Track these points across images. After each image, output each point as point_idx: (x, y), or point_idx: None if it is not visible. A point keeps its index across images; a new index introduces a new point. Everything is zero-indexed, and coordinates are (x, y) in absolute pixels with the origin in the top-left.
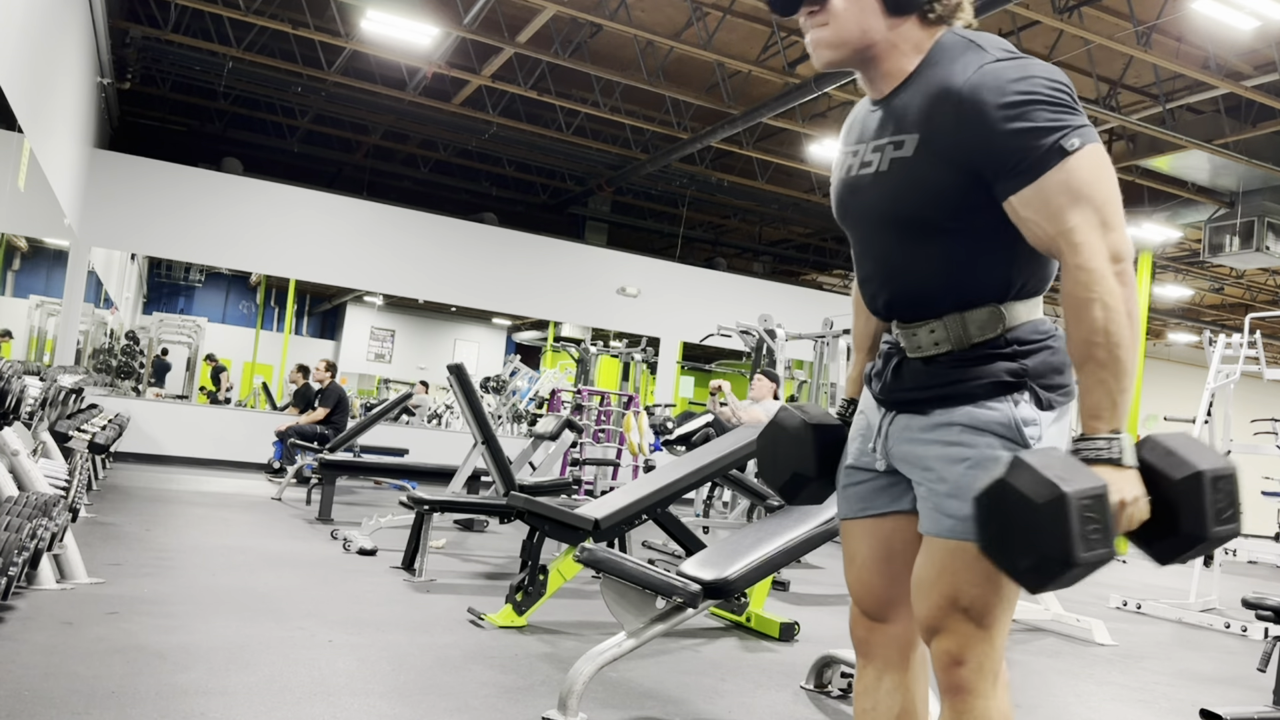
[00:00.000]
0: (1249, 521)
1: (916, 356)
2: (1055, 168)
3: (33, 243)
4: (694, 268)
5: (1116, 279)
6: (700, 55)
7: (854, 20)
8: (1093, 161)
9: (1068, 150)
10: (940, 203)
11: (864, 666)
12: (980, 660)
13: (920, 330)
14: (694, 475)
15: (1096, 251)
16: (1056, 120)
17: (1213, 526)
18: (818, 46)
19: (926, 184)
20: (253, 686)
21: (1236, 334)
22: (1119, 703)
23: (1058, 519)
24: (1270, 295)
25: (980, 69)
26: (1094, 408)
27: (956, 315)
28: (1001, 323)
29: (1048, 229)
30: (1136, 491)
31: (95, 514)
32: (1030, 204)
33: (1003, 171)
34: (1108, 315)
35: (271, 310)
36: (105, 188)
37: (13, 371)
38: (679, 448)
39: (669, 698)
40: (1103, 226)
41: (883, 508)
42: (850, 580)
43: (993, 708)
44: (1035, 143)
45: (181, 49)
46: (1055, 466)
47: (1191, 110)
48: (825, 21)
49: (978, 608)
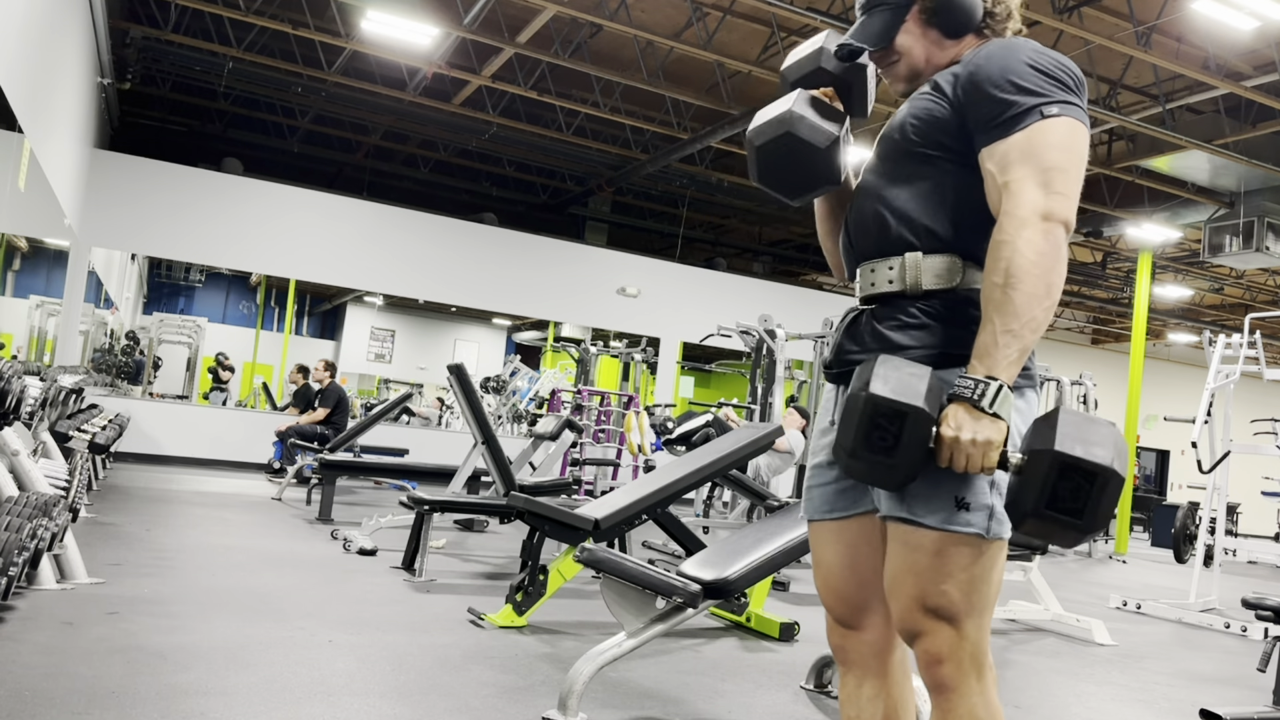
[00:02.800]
0: (1249, 521)
1: (869, 298)
2: (1027, 127)
3: (33, 243)
4: (694, 268)
5: (1040, 233)
6: (700, 55)
7: (920, 54)
8: (1063, 131)
9: (1044, 115)
10: (932, 131)
11: (844, 674)
12: (960, 657)
13: (879, 266)
14: (694, 475)
15: (1026, 202)
16: (1045, 89)
17: (1042, 507)
18: (894, 81)
19: (927, 115)
20: (253, 686)
21: (1236, 334)
22: (1119, 703)
23: (852, 411)
24: (1270, 295)
25: (1002, 42)
26: (978, 348)
27: (915, 255)
28: (959, 277)
29: (997, 179)
30: (983, 435)
31: (95, 514)
32: (993, 156)
33: (984, 123)
34: (1013, 257)
35: (271, 310)
36: (105, 188)
37: (13, 371)
38: (679, 448)
39: (669, 698)
40: (1044, 186)
41: (845, 509)
42: (820, 586)
43: (978, 704)
44: (1018, 100)
45: (181, 49)
46: (898, 379)
47: (1191, 110)
48: (896, 59)
49: (946, 606)
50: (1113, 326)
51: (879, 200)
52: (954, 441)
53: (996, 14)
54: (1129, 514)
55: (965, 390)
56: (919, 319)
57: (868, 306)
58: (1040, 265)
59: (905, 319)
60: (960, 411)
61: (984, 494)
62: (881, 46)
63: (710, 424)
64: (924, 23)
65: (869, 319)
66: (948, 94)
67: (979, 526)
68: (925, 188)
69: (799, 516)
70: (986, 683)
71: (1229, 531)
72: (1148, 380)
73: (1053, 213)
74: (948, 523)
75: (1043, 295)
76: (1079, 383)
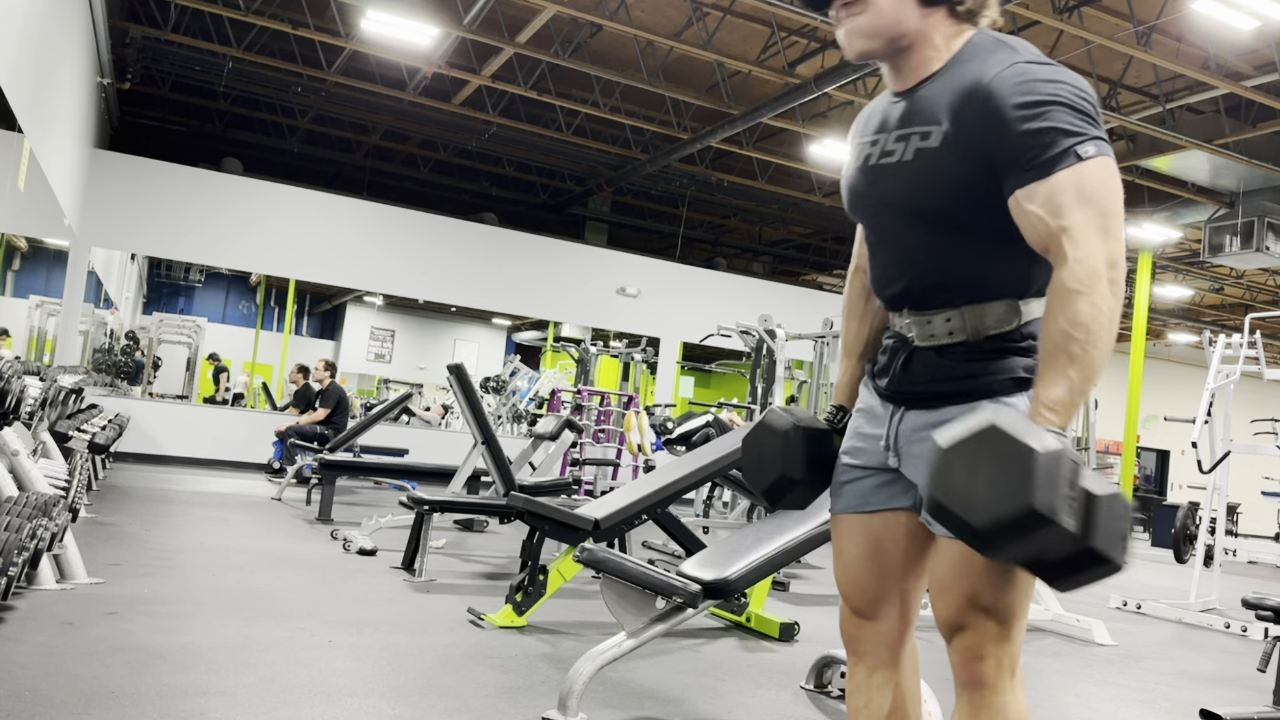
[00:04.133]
0: (1249, 521)
1: (928, 345)
2: (1067, 168)
3: (33, 243)
4: (694, 268)
5: (1109, 285)
6: (700, 55)
7: (890, 8)
8: (1105, 172)
9: (1082, 156)
10: (963, 195)
11: (855, 664)
12: (1000, 656)
13: (936, 318)
14: (694, 475)
15: (1096, 251)
16: (1076, 126)
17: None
18: (852, 35)
19: (951, 175)
20: (253, 686)
21: (1236, 334)
22: (1119, 703)
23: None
24: (1270, 295)
25: (1012, 66)
26: (1053, 401)
27: (974, 306)
28: (1018, 317)
29: (1050, 223)
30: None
31: (95, 514)
32: (1036, 198)
33: (1015, 166)
34: (1095, 313)
35: (271, 310)
36: (105, 188)
37: (13, 371)
38: (679, 448)
39: (669, 698)
40: (1104, 231)
41: (879, 505)
42: (839, 577)
43: (1010, 703)
44: (1051, 141)
45: (181, 49)
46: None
47: (1191, 110)
48: (861, 10)
49: (999, 606)
50: None
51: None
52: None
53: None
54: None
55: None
56: (986, 353)
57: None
58: (1113, 319)
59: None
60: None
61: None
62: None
63: (710, 424)
64: None
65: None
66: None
67: None
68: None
69: (803, 515)
70: (1018, 684)
71: (1229, 532)
72: (1148, 380)
73: (1116, 262)
74: None
75: (1111, 347)
76: None
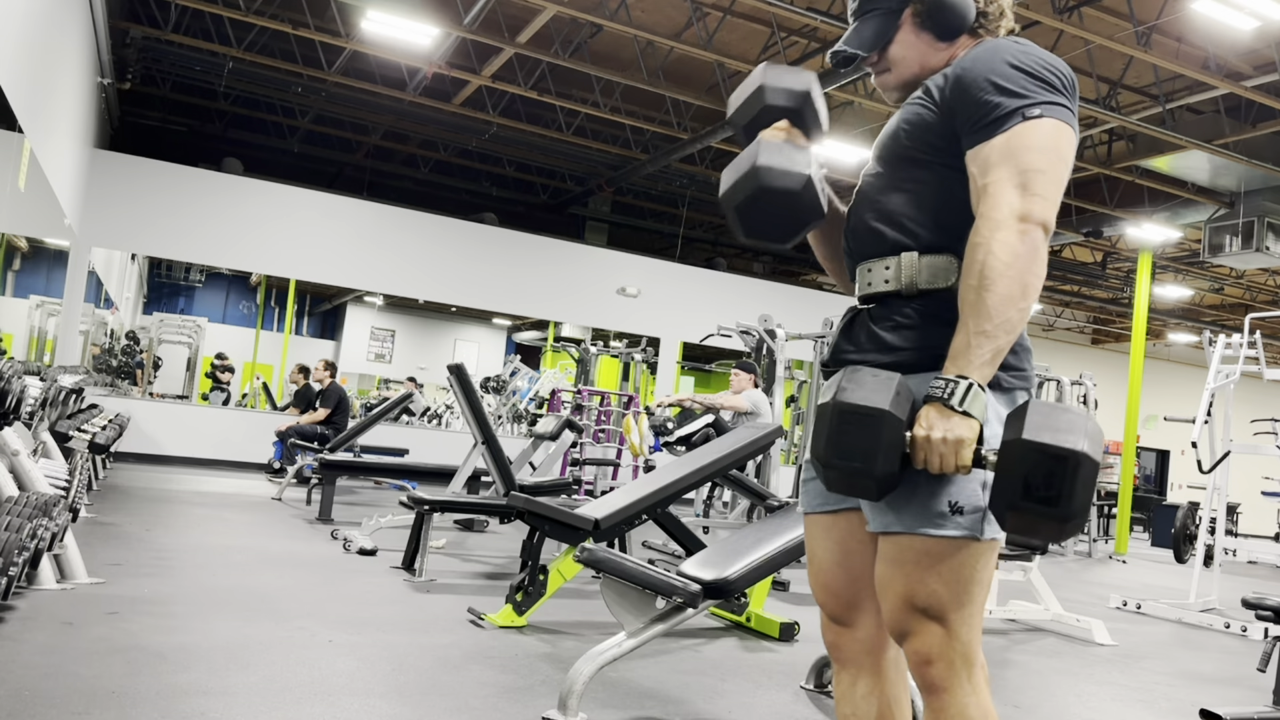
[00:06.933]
0: (1249, 521)
1: (866, 298)
2: (1009, 130)
3: (33, 243)
4: (694, 268)
5: (1016, 235)
6: (700, 55)
7: (914, 60)
8: (1045, 132)
9: (1027, 116)
10: (923, 135)
11: (839, 672)
12: (950, 658)
13: (876, 267)
14: (694, 475)
15: (1003, 203)
16: (1028, 90)
17: (1018, 499)
18: (887, 89)
19: (917, 120)
20: (253, 686)
21: (1236, 334)
22: (1119, 703)
23: (822, 421)
24: (1270, 295)
25: (984, 44)
26: (952, 350)
27: (911, 255)
28: (953, 277)
29: (978, 181)
30: (954, 433)
31: (95, 514)
32: (976, 158)
33: (969, 125)
34: (987, 259)
35: (272, 310)
36: (105, 188)
37: (13, 371)
38: (679, 448)
39: (669, 698)
40: (1022, 187)
41: (835, 504)
42: (812, 581)
43: (970, 704)
44: (1001, 102)
45: (181, 49)
46: (864, 386)
47: (1191, 110)
48: (888, 68)
49: (935, 606)
50: (1113, 326)
51: (876, 204)
52: (925, 441)
53: (989, 13)
54: (1129, 514)
55: (936, 391)
56: (912, 319)
57: (865, 306)
58: (1015, 267)
59: (900, 319)
60: (931, 412)
61: (976, 496)
62: (875, 50)
63: (710, 424)
64: (917, 26)
65: (865, 319)
66: (936, 98)
67: (970, 529)
68: (919, 190)
69: (798, 514)
70: (978, 682)
71: (1229, 531)
72: (1148, 380)
73: (1030, 214)
74: (937, 527)
75: (1017, 297)
76: (1079, 383)
